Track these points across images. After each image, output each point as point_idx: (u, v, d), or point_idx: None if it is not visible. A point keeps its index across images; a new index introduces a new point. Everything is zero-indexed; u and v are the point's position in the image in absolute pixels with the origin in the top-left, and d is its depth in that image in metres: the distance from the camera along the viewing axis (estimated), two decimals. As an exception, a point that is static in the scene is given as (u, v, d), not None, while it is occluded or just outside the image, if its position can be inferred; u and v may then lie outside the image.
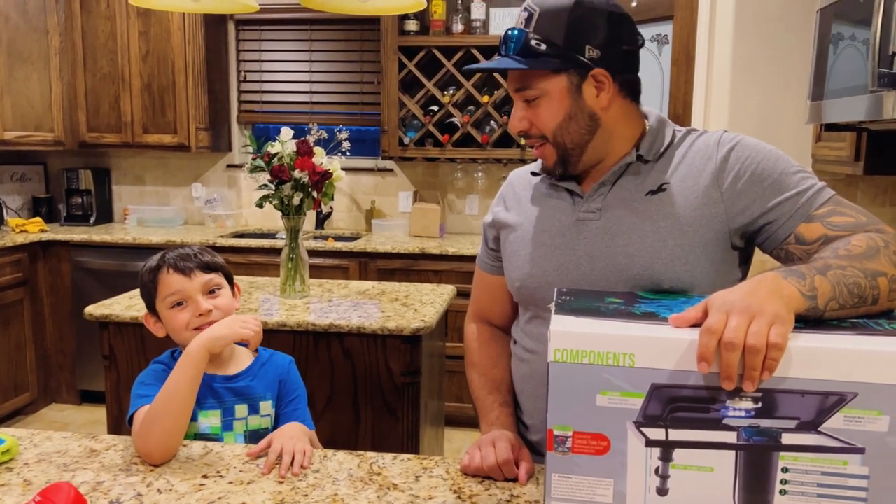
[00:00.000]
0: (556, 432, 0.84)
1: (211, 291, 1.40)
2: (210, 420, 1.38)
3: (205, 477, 1.12)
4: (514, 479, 1.09)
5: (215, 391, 1.39)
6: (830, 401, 0.77)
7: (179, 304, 1.38)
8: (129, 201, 4.46)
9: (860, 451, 0.78)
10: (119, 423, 2.22)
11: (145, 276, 1.42)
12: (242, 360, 1.46)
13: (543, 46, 1.10)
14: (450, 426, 3.49)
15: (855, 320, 0.88)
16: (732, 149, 1.11)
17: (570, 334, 0.82)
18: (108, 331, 2.21)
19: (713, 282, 1.09)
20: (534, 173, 1.29)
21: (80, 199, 4.23)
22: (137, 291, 2.43)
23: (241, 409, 1.40)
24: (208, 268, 1.41)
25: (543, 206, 1.23)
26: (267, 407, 1.44)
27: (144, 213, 4.29)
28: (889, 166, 2.27)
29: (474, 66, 1.20)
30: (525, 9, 1.13)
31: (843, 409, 0.77)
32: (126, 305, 2.23)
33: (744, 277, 1.18)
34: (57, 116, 3.98)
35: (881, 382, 0.76)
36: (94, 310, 2.19)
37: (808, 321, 0.85)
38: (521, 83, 1.14)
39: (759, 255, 1.19)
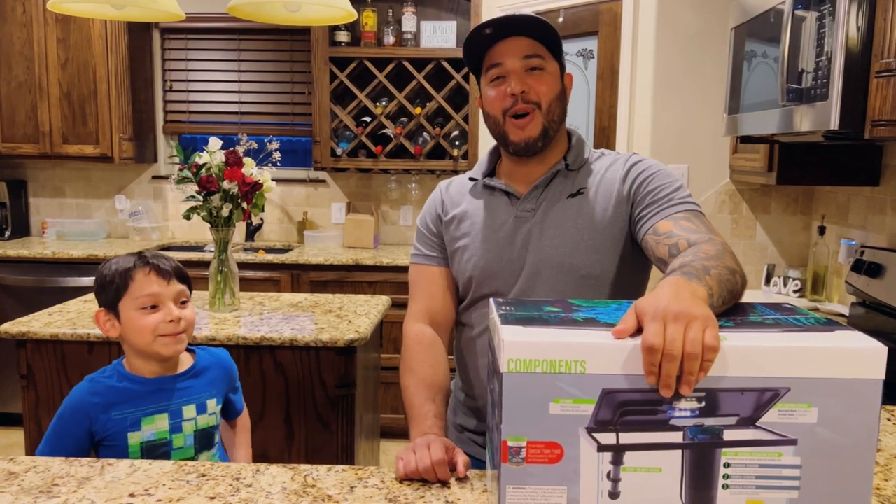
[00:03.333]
0: (510, 444, 0.84)
1: (181, 302, 1.42)
2: (157, 425, 1.38)
3: (132, 496, 1.09)
4: (446, 483, 1.10)
5: (164, 392, 1.40)
6: (766, 396, 0.82)
7: (153, 306, 1.38)
8: (47, 214, 4.27)
9: (793, 442, 0.83)
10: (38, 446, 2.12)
11: (114, 273, 1.40)
12: (184, 360, 1.47)
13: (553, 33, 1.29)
14: (385, 438, 3.48)
15: (777, 317, 0.92)
16: (636, 163, 1.33)
17: (522, 344, 0.82)
18: (26, 349, 2.11)
19: (620, 271, 1.29)
20: (472, 178, 1.42)
21: (-7, 213, 4.04)
22: (58, 307, 2.35)
23: (188, 410, 1.40)
24: (183, 279, 1.43)
25: (483, 206, 1.38)
26: (213, 405, 1.45)
27: (64, 227, 4.12)
28: (799, 177, 2.40)
29: (519, 13, 1.29)
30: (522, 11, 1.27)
31: (778, 404, 0.82)
32: (45, 322, 2.14)
33: (645, 270, 1.37)
34: (-32, 126, 3.80)
35: (810, 377, 0.81)
36: (10, 327, 2.10)
37: (736, 321, 0.89)
38: (534, 51, 1.29)
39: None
